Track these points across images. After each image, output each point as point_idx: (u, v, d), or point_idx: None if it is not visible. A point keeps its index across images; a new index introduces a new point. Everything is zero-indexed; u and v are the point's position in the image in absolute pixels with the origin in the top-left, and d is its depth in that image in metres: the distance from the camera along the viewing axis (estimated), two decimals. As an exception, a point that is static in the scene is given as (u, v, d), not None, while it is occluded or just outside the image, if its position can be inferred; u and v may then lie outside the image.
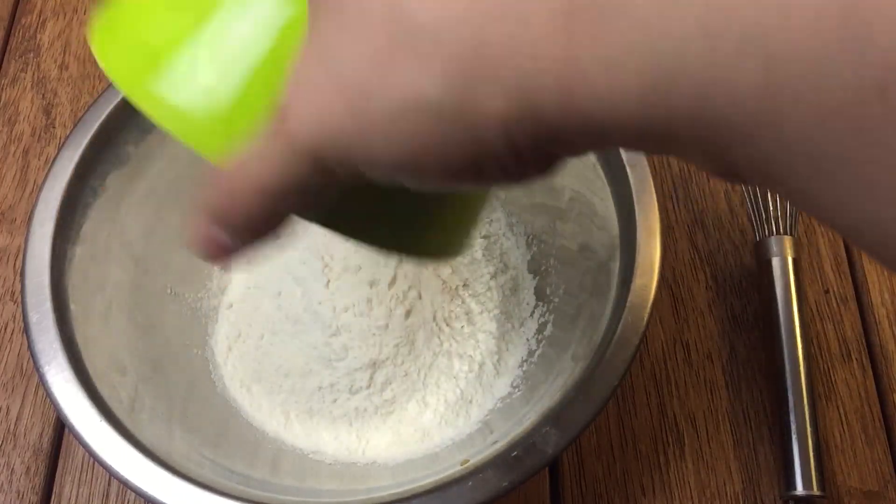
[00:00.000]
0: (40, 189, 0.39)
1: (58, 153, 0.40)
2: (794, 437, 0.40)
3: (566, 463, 0.42)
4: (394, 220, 0.26)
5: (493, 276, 0.45)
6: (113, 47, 0.25)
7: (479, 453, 0.36)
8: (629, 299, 0.36)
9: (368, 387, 0.42)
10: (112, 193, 0.41)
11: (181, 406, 0.41)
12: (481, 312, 0.44)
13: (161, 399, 0.40)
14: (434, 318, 0.44)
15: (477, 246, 0.46)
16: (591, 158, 0.40)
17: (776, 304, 0.43)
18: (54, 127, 0.52)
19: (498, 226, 0.47)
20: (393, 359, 0.43)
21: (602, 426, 0.43)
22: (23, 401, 0.44)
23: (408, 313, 0.44)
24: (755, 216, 0.46)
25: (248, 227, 0.22)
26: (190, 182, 0.46)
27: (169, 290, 0.44)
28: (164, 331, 0.43)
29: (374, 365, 0.43)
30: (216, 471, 0.37)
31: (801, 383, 0.41)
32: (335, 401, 0.42)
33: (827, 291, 0.46)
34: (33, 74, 0.55)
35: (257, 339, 0.44)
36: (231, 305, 0.45)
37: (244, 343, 0.44)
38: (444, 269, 0.45)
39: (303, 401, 0.42)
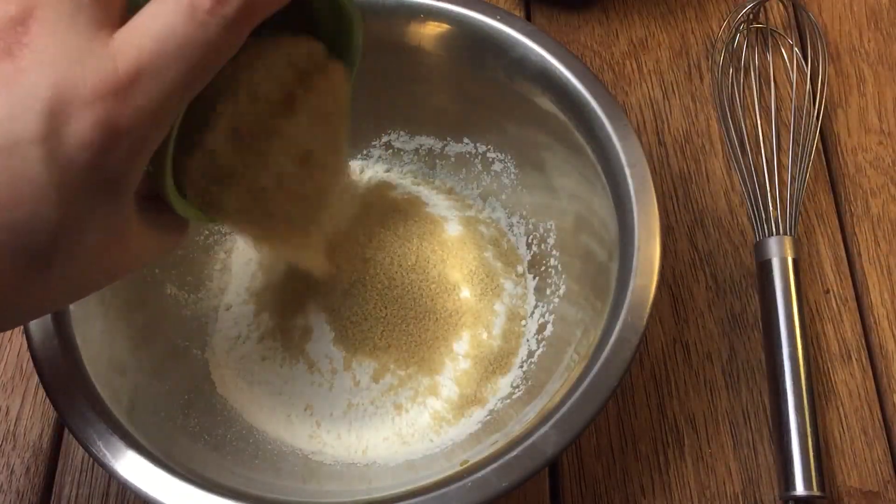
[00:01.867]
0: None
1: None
2: (794, 437, 0.40)
3: (566, 463, 0.42)
4: None
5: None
6: None
7: (479, 453, 0.36)
8: (629, 299, 0.36)
9: (368, 387, 0.42)
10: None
11: (181, 407, 0.41)
12: (481, 313, 0.44)
13: (161, 400, 0.40)
14: (433, 319, 0.44)
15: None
16: (591, 158, 0.40)
17: (776, 305, 0.43)
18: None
19: (498, 226, 0.47)
20: (392, 358, 0.43)
21: (602, 426, 0.43)
22: (23, 401, 0.44)
23: (407, 317, 0.44)
24: (755, 216, 0.46)
25: None
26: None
27: (168, 291, 0.44)
28: (163, 332, 0.43)
29: (374, 365, 0.43)
30: (217, 471, 0.37)
31: (801, 383, 0.41)
32: (335, 402, 0.42)
33: (827, 292, 0.46)
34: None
35: (256, 341, 0.44)
36: (230, 307, 0.45)
37: (244, 344, 0.44)
38: (445, 270, 0.45)
39: (303, 402, 0.42)
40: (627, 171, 0.39)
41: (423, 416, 0.42)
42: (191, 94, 0.25)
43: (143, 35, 0.23)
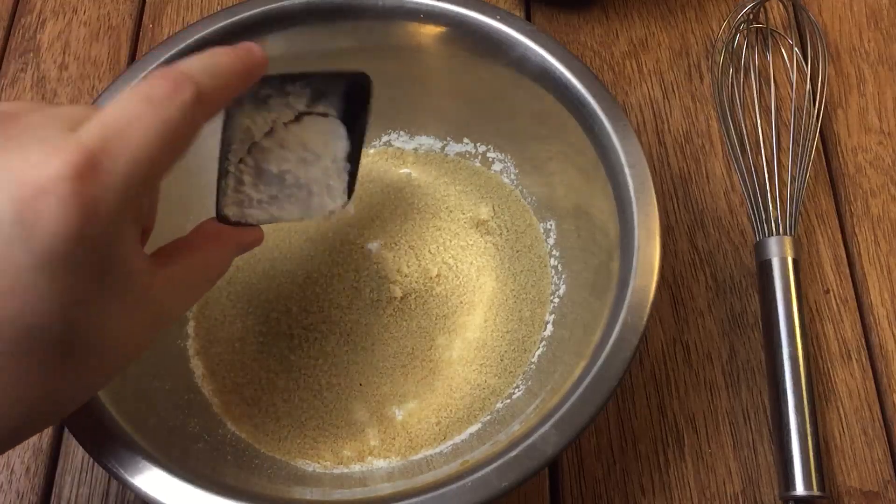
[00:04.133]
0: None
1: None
2: (794, 437, 0.40)
3: (566, 463, 0.42)
4: None
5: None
6: None
7: (479, 453, 0.36)
8: (629, 299, 0.36)
9: (367, 387, 0.42)
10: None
11: (181, 407, 0.41)
12: (482, 314, 0.44)
13: (160, 400, 0.40)
14: (434, 320, 0.44)
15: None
16: (591, 158, 0.40)
17: (776, 305, 0.43)
18: (54, 127, 0.52)
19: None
20: (392, 358, 0.43)
21: (602, 426, 0.43)
22: (23, 401, 0.44)
23: (409, 317, 0.44)
24: (755, 216, 0.46)
25: None
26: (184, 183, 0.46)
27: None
28: (163, 331, 0.43)
29: (374, 366, 0.43)
30: (216, 471, 0.37)
31: (801, 383, 0.41)
32: (333, 402, 0.42)
33: (827, 292, 0.46)
34: (33, 74, 0.55)
35: (256, 344, 0.44)
36: (231, 310, 0.45)
37: (237, 350, 0.44)
38: (444, 273, 0.45)
39: (301, 403, 0.42)
40: (627, 171, 0.39)
41: (423, 417, 0.42)
42: (159, 168, 0.27)
43: (104, 122, 0.26)
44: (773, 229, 0.45)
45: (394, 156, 0.49)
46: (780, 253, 0.44)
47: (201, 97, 0.28)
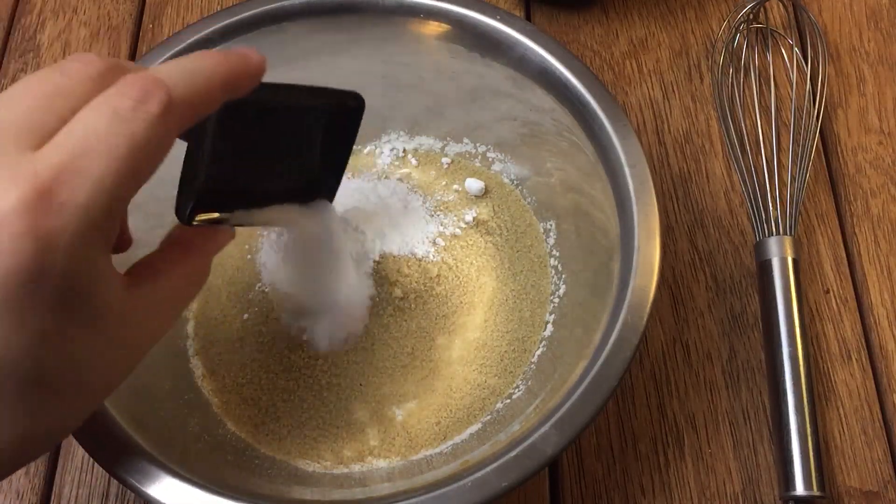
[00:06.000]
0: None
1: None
2: (794, 437, 0.40)
3: (566, 463, 0.42)
4: None
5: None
6: None
7: (479, 453, 0.36)
8: (629, 299, 0.36)
9: (367, 387, 0.42)
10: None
11: (181, 407, 0.41)
12: (482, 314, 0.44)
13: (161, 399, 0.40)
14: (434, 320, 0.44)
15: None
16: (591, 158, 0.41)
17: (776, 305, 0.43)
18: (54, 127, 0.52)
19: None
20: (392, 358, 0.43)
21: (602, 426, 0.43)
22: (23, 401, 0.44)
23: (409, 317, 0.44)
24: (755, 216, 0.46)
25: None
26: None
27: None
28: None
29: (374, 366, 0.43)
30: (217, 472, 0.37)
31: (801, 383, 0.41)
32: (333, 402, 0.42)
33: (827, 292, 0.46)
34: (33, 74, 0.55)
35: (256, 343, 0.44)
36: (231, 311, 0.45)
37: (236, 350, 0.44)
38: (444, 273, 0.45)
39: (301, 403, 0.42)
40: (627, 171, 0.39)
41: (423, 418, 0.42)
42: (126, 189, 0.25)
43: (65, 140, 0.24)
44: (773, 229, 0.45)
45: (394, 156, 0.49)
46: (780, 253, 0.44)
47: (172, 107, 0.25)
